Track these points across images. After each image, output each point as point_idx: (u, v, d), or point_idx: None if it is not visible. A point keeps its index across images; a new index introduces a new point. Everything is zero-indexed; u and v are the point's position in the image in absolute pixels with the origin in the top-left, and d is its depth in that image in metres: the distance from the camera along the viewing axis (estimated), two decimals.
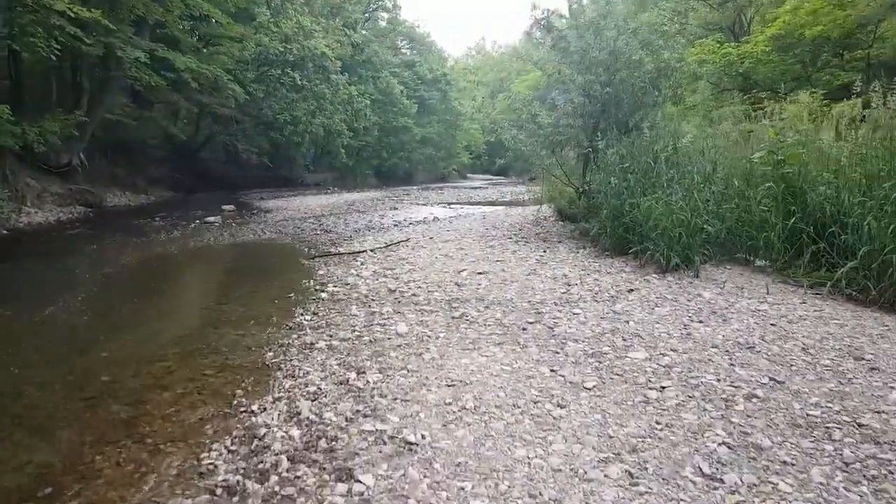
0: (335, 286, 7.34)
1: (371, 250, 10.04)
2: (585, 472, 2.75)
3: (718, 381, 3.69)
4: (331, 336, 5.24)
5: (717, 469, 2.74)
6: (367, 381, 3.94)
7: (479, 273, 7.49)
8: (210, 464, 3.08)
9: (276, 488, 2.80)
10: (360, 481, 2.76)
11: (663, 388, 3.60)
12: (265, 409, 3.73)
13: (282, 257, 10.38)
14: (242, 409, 3.78)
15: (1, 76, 17.02)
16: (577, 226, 11.24)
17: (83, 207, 16.95)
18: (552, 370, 3.98)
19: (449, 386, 3.76)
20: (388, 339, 5.02)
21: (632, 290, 6.09)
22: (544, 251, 8.95)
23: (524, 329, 5.02)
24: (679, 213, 6.48)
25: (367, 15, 41.80)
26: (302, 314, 6.10)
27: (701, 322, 4.97)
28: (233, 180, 26.31)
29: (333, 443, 3.17)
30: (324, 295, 6.85)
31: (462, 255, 9.02)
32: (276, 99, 24.29)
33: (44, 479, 3.08)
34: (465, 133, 53.64)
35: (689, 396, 3.47)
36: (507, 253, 8.95)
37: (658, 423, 3.17)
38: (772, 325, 4.85)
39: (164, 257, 10.14)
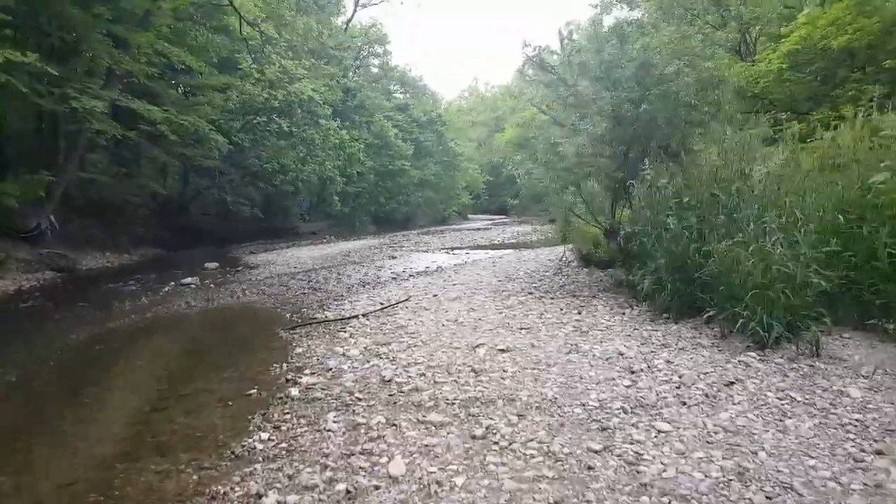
0: (312, 374, 5.56)
1: (363, 315, 8.25)
2: None
3: None
4: (289, 479, 3.42)
5: None
6: None
7: (502, 350, 5.68)
8: None
9: None
10: None
11: None
12: None
13: (255, 328, 8.57)
14: None
15: None
16: (607, 274, 9.46)
17: (53, 273, 15.22)
18: None
19: None
20: (376, 488, 3.19)
21: (731, 382, 4.24)
22: (579, 312, 7.14)
23: (590, 468, 3.18)
24: (780, 264, 4.68)
25: (357, 62, 40.85)
26: (259, 429, 4.30)
27: (881, 454, 3.12)
28: (223, 234, 24.71)
29: None
30: (294, 391, 5.04)
31: (475, 320, 7.21)
32: (263, 148, 22.79)
33: None
34: (463, 173, 52.29)
35: None
36: (533, 316, 7.14)
37: None
38: None
39: (117, 334, 8.34)
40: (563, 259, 10.28)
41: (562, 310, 7.35)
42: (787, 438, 3.35)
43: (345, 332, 7.31)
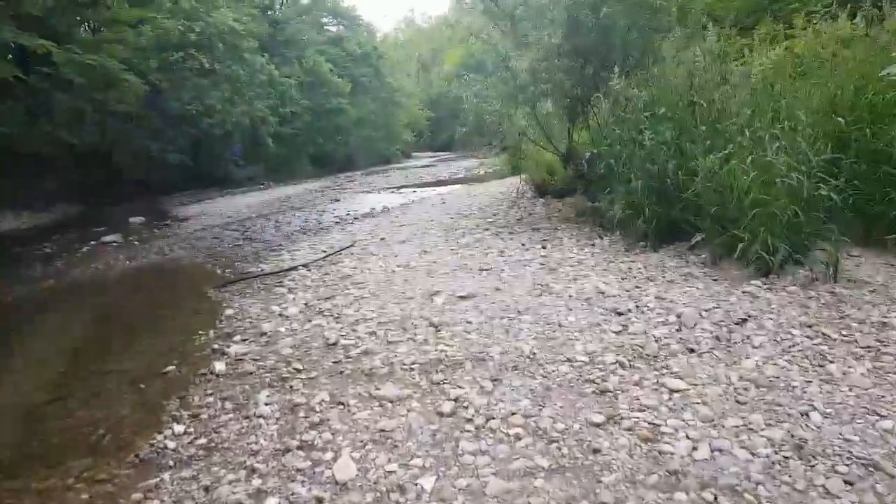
0: (243, 341, 4.71)
1: (304, 265, 7.36)
2: None
3: None
4: (206, 493, 2.63)
5: None
6: None
7: (463, 297, 4.91)
8: None
9: None
10: None
11: None
12: None
13: (181, 289, 7.56)
14: None
15: None
16: (566, 203, 8.77)
17: None
18: None
19: None
20: (318, 502, 2.41)
21: (743, 319, 3.57)
22: (543, 247, 6.41)
23: (596, 451, 2.48)
24: (784, 177, 3.99)
25: None
26: (173, 419, 3.46)
27: None
28: (152, 185, 22.90)
29: None
30: (220, 366, 4.17)
31: (429, 263, 6.41)
32: (184, 89, 20.82)
33: None
34: (404, 111, 50.33)
35: None
36: (493, 254, 6.38)
37: None
38: None
39: (20, 307, 7.24)
40: (519, 190, 9.49)
41: (524, 245, 6.60)
42: (840, 391, 2.70)
43: (283, 286, 6.43)
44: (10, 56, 14.94)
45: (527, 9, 7.56)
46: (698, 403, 2.72)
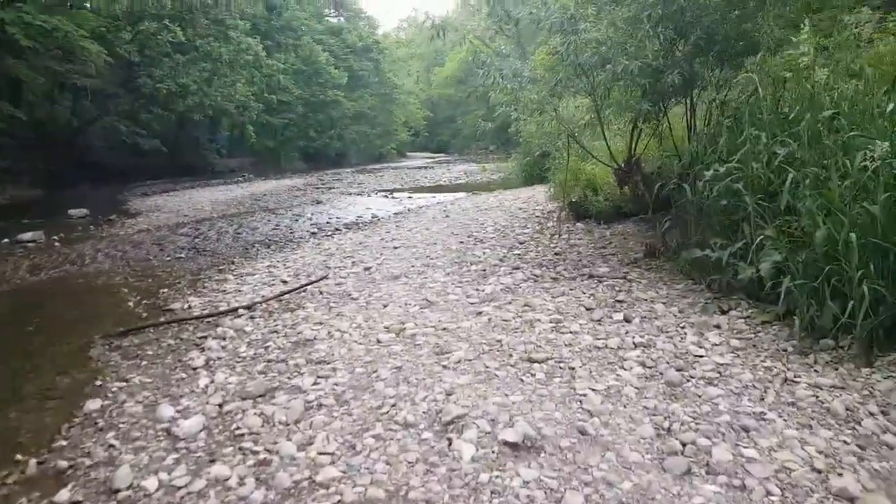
0: None
1: (249, 307, 4.93)
2: None
3: None
4: None
5: None
6: None
7: (513, 447, 2.45)
8: None
9: None
10: None
11: None
12: None
13: (63, 331, 5.05)
14: None
15: None
16: (615, 232, 6.43)
17: None
18: None
19: None
20: None
21: None
22: (626, 318, 3.92)
23: None
24: None
25: None
26: None
27: None
28: (125, 170, 20.59)
29: None
30: None
31: (437, 329, 3.97)
32: (158, 65, 18.25)
33: None
34: (402, 108, 47.96)
35: None
36: (543, 325, 3.88)
37: None
38: None
39: None
40: (560, 212, 6.92)
41: (590, 311, 4.14)
42: None
43: (203, 348, 4.02)
44: None
45: None
46: None
